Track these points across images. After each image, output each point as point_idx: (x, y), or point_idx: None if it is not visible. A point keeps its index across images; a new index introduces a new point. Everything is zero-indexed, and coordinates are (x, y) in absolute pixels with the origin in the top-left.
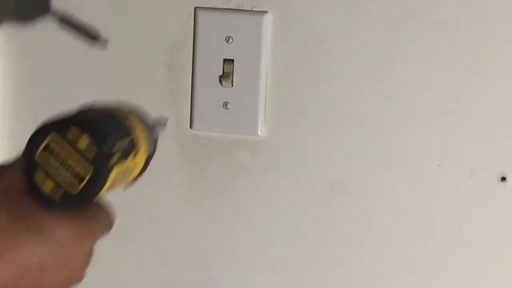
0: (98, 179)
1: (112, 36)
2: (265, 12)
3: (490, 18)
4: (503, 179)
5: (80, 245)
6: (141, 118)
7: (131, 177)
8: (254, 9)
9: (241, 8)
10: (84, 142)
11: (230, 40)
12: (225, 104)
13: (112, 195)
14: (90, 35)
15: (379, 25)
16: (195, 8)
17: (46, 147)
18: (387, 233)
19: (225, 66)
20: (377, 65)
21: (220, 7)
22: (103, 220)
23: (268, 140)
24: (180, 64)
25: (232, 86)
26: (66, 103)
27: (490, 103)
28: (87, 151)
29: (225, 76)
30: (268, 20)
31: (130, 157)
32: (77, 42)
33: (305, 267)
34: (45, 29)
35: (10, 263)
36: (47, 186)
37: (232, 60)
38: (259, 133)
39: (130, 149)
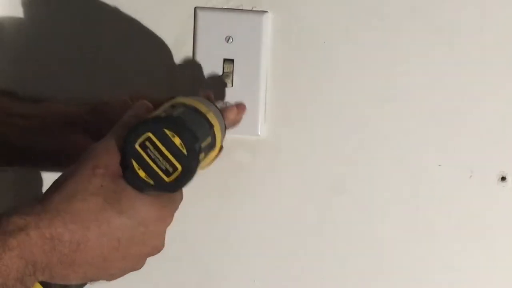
0: (189, 172)
1: (112, 36)
2: (265, 12)
3: (490, 18)
4: (503, 179)
5: (162, 224)
6: (214, 106)
7: (206, 163)
8: (254, 9)
9: (241, 8)
10: (176, 141)
11: (230, 40)
12: (225, 104)
13: None
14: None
15: (379, 25)
16: (195, 8)
17: (142, 143)
18: (387, 233)
19: (225, 66)
20: (377, 65)
21: (220, 7)
22: (179, 199)
23: (268, 140)
24: (180, 64)
25: (232, 86)
26: (66, 103)
27: (490, 103)
28: (178, 150)
29: (225, 76)
30: (268, 20)
31: (211, 152)
32: (76, 41)
33: (305, 267)
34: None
35: (106, 236)
36: (142, 173)
37: (232, 60)
38: (259, 133)
39: (212, 144)
